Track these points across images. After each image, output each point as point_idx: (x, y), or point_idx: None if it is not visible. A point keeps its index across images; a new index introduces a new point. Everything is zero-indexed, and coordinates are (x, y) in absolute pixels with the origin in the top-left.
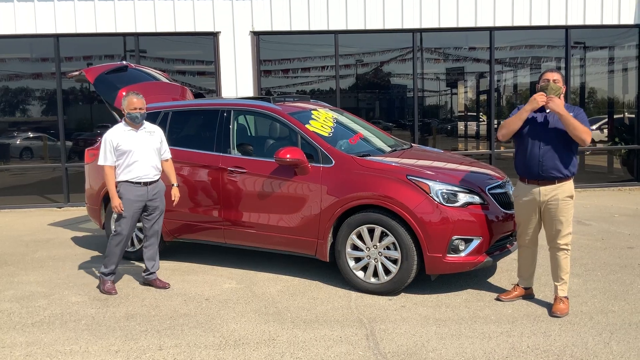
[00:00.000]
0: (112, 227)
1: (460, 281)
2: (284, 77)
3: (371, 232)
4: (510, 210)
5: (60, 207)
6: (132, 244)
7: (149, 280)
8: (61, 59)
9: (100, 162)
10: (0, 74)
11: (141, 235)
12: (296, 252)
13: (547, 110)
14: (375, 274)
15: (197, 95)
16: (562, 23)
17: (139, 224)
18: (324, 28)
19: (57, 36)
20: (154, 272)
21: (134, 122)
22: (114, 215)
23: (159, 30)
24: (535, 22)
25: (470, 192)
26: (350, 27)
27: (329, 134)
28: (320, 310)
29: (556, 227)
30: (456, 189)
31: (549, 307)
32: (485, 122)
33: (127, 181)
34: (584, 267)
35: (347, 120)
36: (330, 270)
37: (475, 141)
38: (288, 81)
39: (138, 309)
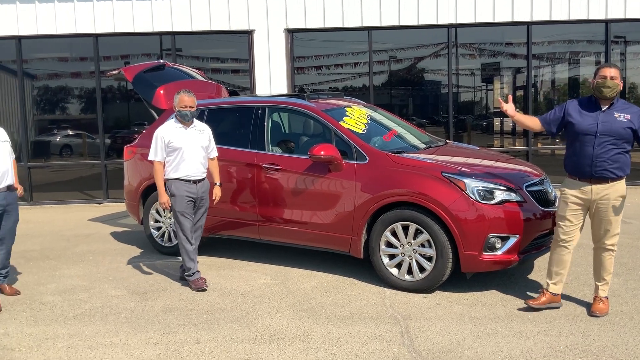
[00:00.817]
0: (151, 222)
1: (496, 279)
2: (317, 74)
3: (405, 229)
4: (548, 208)
5: (99, 203)
6: (170, 239)
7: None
8: (100, 58)
9: (151, 157)
10: (41, 73)
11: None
12: (330, 248)
13: (603, 109)
14: (410, 271)
15: (231, 93)
16: (602, 17)
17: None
18: (358, 25)
19: (96, 36)
20: None
21: (184, 120)
22: (152, 212)
23: (195, 29)
24: (574, 16)
25: (507, 189)
26: (385, 23)
27: (363, 131)
28: (354, 307)
29: (605, 227)
30: (492, 186)
31: (587, 306)
32: None
33: (177, 179)
34: (625, 266)
35: (381, 117)
36: (364, 267)
37: (512, 138)
38: (321, 78)
39: (175, 303)
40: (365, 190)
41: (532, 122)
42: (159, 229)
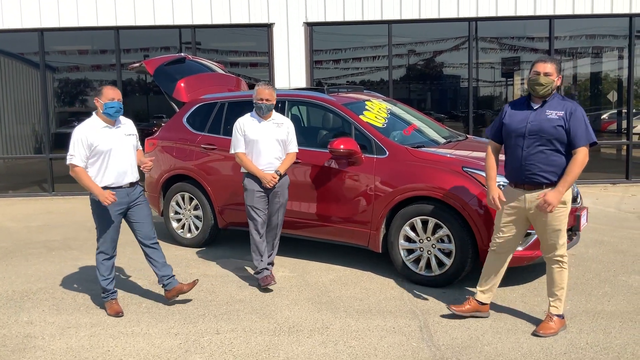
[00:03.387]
0: (171, 214)
1: (516, 276)
2: (336, 68)
3: (425, 223)
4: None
5: None
6: (190, 231)
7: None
8: (121, 50)
9: (231, 151)
10: (62, 65)
11: (199, 223)
12: (348, 242)
13: (535, 107)
14: (429, 266)
15: (251, 87)
16: (626, 11)
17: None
18: (378, 18)
19: (117, 28)
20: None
21: (260, 113)
22: (172, 204)
23: (215, 22)
24: (598, 10)
25: None
26: (405, 17)
27: (383, 125)
28: (372, 301)
29: (548, 238)
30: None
31: (609, 304)
32: None
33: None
34: None
35: (400, 111)
36: (382, 262)
37: None
38: (339, 72)
39: (195, 294)
40: (384, 185)
41: (490, 149)
42: (179, 220)
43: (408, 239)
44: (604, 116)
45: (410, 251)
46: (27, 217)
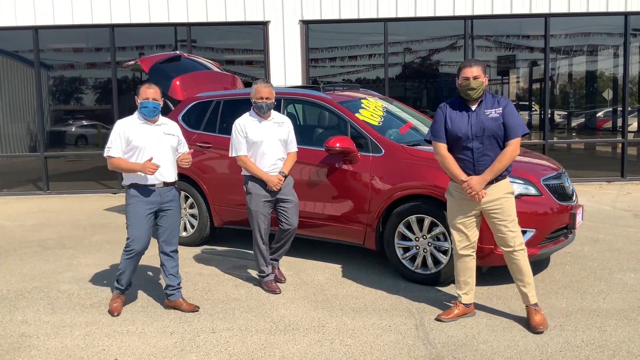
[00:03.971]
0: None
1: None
2: (332, 66)
3: (420, 221)
4: (565, 202)
5: (115, 193)
6: (185, 229)
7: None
8: (116, 48)
9: (232, 154)
10: (57, 63)
11: (194, 222)
12: (344, 240)
13: (473, 108)
14: (424, 264)
15: (247, 85)
16: (622, 9)
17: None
18: (374, 16)
19: (112, 26)
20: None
21: (260, 112)
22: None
23: (210, 20)
24: (593, 9)
25: (524, 182)
26: (400, 15)
27: (379, 123)
28: (368, 299)
29: (504, 230)
30: (509, 179)
31: (604, 302)
32: (538, 112)
33: (252, 176)
34: None
35: (396, 109)
36: (378, 260)
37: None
38: (336, 70)
39: (191, 292)
40: (380, 183)
41: (441, 152)
42: None
43: (404, 237)
44: (600, 114)
45: (406, 249)
46: (22, 216)
